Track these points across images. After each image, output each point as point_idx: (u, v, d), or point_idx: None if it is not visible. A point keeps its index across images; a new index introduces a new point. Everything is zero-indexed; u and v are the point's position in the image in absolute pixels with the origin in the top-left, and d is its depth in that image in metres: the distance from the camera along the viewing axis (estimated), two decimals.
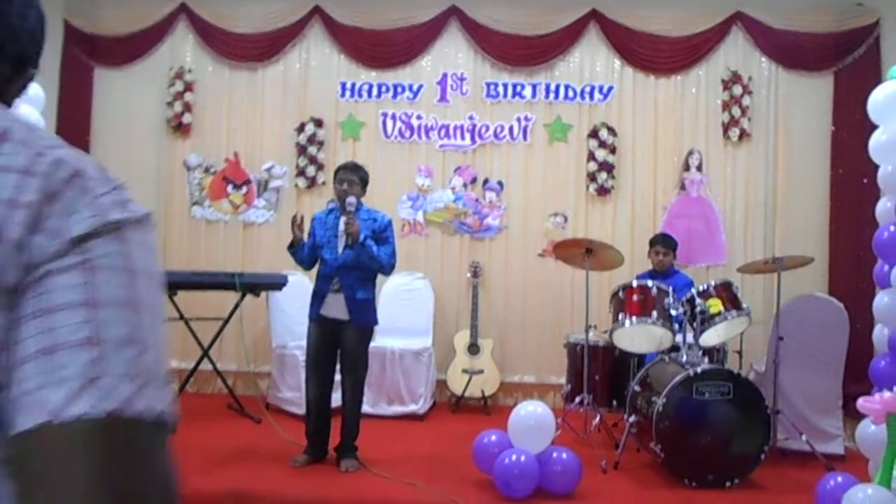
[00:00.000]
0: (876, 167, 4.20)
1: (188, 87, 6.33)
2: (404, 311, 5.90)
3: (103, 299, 0.59)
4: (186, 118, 6.30)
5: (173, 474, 0.61)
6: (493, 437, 4.02)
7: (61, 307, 0.58)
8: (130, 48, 6.25)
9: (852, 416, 4.37)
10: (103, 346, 0.57)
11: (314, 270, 4.41)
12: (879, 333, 4.11)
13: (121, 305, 0.60)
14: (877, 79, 5.37)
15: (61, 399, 0.55)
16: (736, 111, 6.12)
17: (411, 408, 5.54)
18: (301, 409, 4.49)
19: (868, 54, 6.01)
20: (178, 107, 6.31)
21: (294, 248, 4.27)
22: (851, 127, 5.66)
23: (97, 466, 0.55)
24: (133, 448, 0.57)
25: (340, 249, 4.18)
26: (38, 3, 0.79)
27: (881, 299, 4.05)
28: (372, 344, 4.45)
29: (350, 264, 4.14)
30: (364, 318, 4.21)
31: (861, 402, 3.21)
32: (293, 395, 5.33)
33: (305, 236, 4.33)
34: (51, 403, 0.54)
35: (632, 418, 4.40)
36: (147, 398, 0.58)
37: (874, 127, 4.19)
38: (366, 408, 4.63)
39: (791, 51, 6.05)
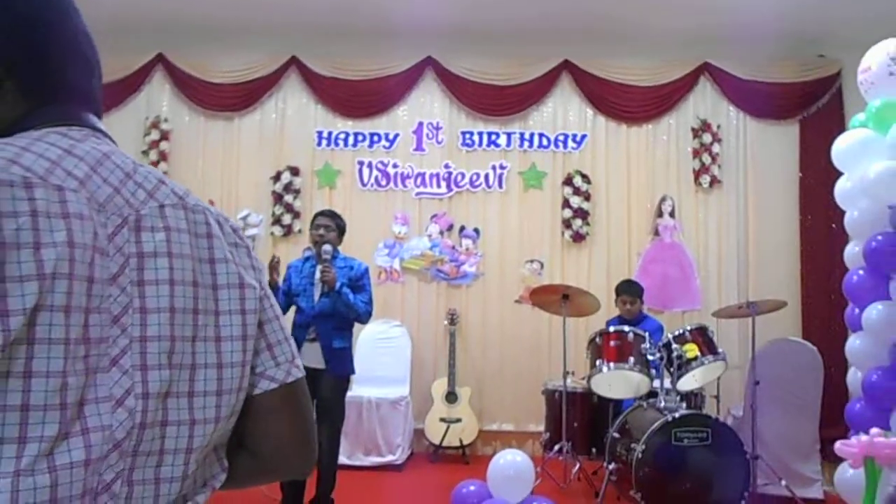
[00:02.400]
0: (842, 212, 4.30)
1: (164, 136, 6.34)
2: (381, 359, 5.85)
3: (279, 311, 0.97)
4: (162, 167, 6.29)
5: None
6: (473, 487, 3.96)
7: (270, 320, 0.93)
8: (107, 97, 6.13)
9: (830, 459, 4.38)
10: (290, 341, 0.96)
11: (290, 319, 4.37)
12: (853, 376, 4.16)
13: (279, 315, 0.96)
14: (840, 127, 5.54)
15: (282, 373, 0.93)
16: (706, 158, 6.25)
17: (389, 458, 5.45)
18: None
19: (831, 103, 6.21)
20: (153, 155, 6.30)
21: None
22: (818, 173, 5.80)
23: (305, 401, 0.97)
24: (305, 394, 0.97)
25: (317, 298, 4.14)
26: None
27: (853, 342, 4.11)
28: (348, 393, 4.39)
29: (326, 313, 4.11)
30: (341, 367, 4.16)
31: (838, 446, 3.22)
32: None
33: (280, 280, 4.31)
34: (279, 374, 0.93)
35: (611, 466, 4.36)
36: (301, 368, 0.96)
37: (839, 173, 4.30)
38: (342, 458, 4.55)
39: (758, 100, 6.22)
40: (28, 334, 0.69)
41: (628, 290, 5.32)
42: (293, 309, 4.28)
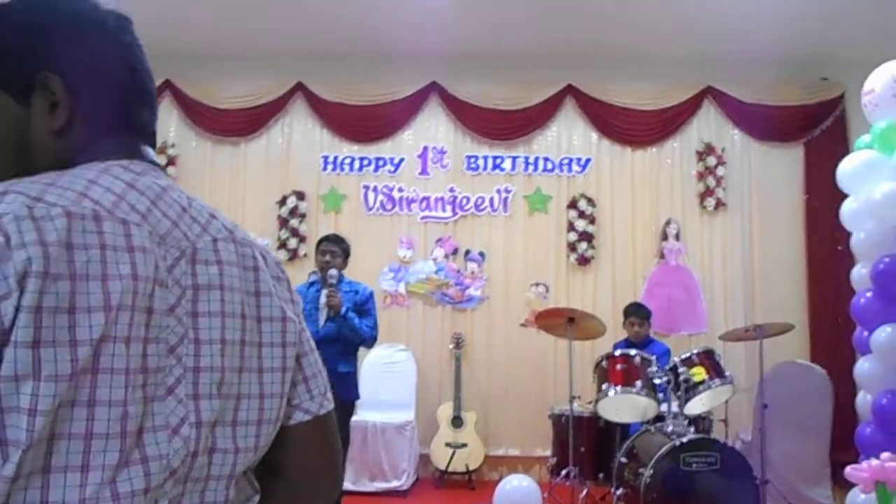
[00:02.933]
0: (849, 234, 4.29)
1: (171, 162, 6.38)
2: (386, 383, 5.83)
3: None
4: None
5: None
6: None
7: (307, 353, 0.98)
8: None
9: (841, 484, 4.33)
10: (323, 373, 1.00)
11: None
12: (863, 400, 4.12)
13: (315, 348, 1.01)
14: (845, 149, 5.55)
15: (316, 405, 0.97)
16: (711, 181, 6.26)
17: (394, 484, 5.40)
18: None
19: (835, 125, 6.23)
20: None
21: None
22: (823, 195, 5.80)
23: (335, 432, 1.01)
24: (334, 425, 1.01)
25: (322, 322, 4.14)
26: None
27: (862, 365, 4.08)
28: (353, 418, 4.37)
29: (332, 337, 4.10)
30: (345, 392, 4.14)
31: (849, 471, 3.19)
32: None
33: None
34: (313, 407, 0.97)
35: (619, 491, 4.31)
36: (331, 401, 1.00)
37: (845, 195, 4.30)
38: (347, 484, 4.52)
39: (761, 123, 6.24)
40: (92, 364, 0.71)
41: (637, 313, 5.31)
42: None
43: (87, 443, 0.70)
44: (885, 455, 3.14)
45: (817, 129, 6.25)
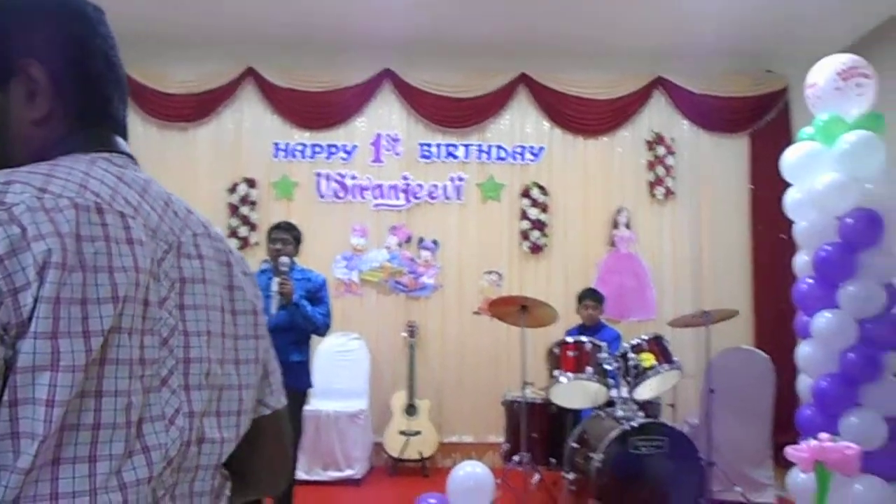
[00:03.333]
0: (792, 223, 4.41)
1: None
2: (340, 372, 5.80)
3: None
4: None
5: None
6: (433, 501, 3.95)
7: (268, 349, 1.01)
8: None
9: (782, 465, 4.46)
10: (278, 369, 1.03)
11: None
12: (803, 383, 4.25)
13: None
14: (788, 140, 5.69)
15: (275, 400, 1.01)
16: (661, 171, 6.37)
17: (347, 472, 5.39)
18: None
19: (779, 117, 6.39)
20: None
21: None
22: (768, 185, 5.92)
23: (288, 425, 1.04)
24: (287, 417, 1.04)
25: (274, 310, 4.08)
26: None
27: (803, 349, 4.20)
28: (306, 407, 4.34)
29: (284, 326, 4.05)
30: (298, 381, 4.11)
31: (789, 451, 3.29)
32: None
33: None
34: (273, 401, 1.01)
35: (571, 475, 4.38)
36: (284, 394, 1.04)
37: (788, 185, 4.41)
38: (300, 474, 4.49)
39: (709, 113, 6.37)
40: (100, 354, 0.72)
41: (592, 296, 5.41)
42: None
43: (95, 433, 0.71)
44: (823, 436, 3.25)
45: (762, 121, 6.40)
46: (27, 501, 0.68)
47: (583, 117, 6.39)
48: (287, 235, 4.16)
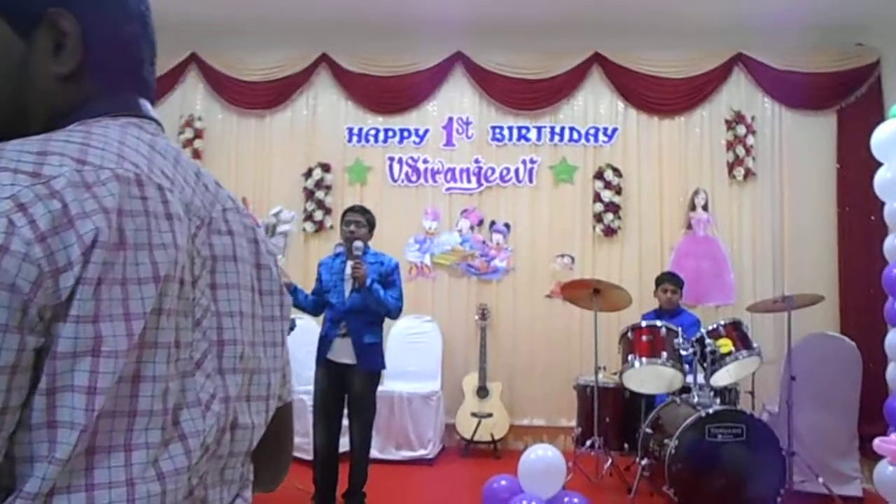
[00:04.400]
0: (882, 204, 4.21)
1: (198, 135, 6.43)
2: (412, 354, 5.88)
3: None
4: None
5: None
6: (504, 482, 3.96)
7: (285, 342, 0.94)
8: None
9: (869, 457, 4.30)
10: (289, 362, 0.97)
11: (321, 313, 4.41)
12: (893, 372, 4.07)
13: None
14: (879, 117, 5.41)
15: (287, 392, 0.96)
16: (740, 150, 6.15)
17: (420, 452, 5.47)
18: (309, 456, 4.45)
19: (870, 93, 6.07)
20: (187, 153, 6.37)
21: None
22: (856, 165, 5.68)
23: (292, 421, 1.01)
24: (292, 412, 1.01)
25: (347, 293, 4.17)
26: None
27: (893, 337, 4.02)
28: (380, 388, 4.42)
29: (357, 308, 4.13)
30: (372, 362, 4.19)
31: (878, 443, 3.17)
32: (301, 440, 5.26)
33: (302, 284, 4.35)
34: (285, 394, 0.95)
35: (644, 461, 4.33)
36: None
37: (879, 164, 4.21)
38: (374, 453, 4.58)
39: (793, 90, 6.10)
40: (140, 338, 0.68)
41: (671, 280, 5.32)
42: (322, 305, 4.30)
43: (131, 420, 0.67)
44: None
45: (851, 97, 6.09)
46: (62, 492, 0.64)
47: (658, 97, 6.23)
48: (361, 218, 4.22)
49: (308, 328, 5.49)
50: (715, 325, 4.53)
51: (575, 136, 6.30)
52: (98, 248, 0.64)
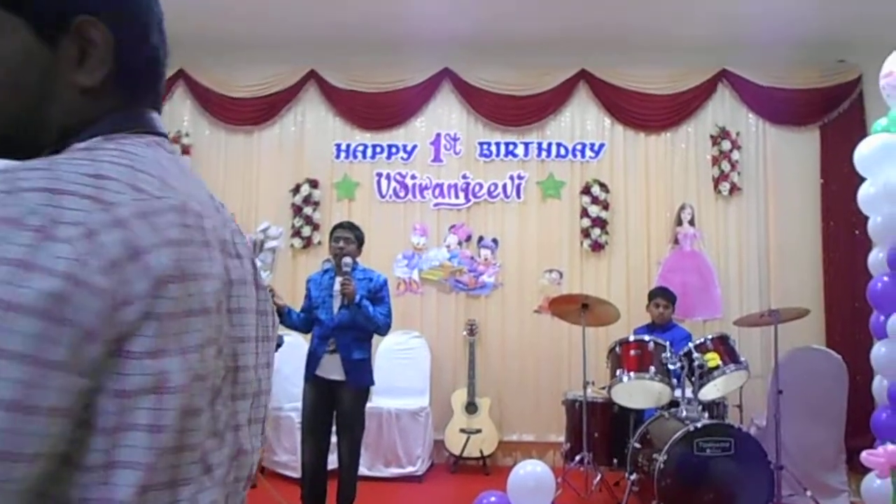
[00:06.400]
0: (866, 218, 4.25)
1: (185, 151, 6.41)
2: (401, 370, 5.86)
3: None
4: None
5: None
6: (493, 499, 3.95)
7: None
8: None
9: (856, 470, 4.32)
10: None
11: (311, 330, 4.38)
12: (879, 385, 4.10)
13: None
14: (862, 132, 5.48)
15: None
16: (726, 166, 6.21)
17: (409, 469, 5.44)
18: (297, 473, 4.42)
19: (852, 109, 6.16)
20: None
21: (282, 317, 4.21)
22: (840, 179, 5.75)
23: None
24: None
25: (336, 310, 4.16)
26: None
27: (878, 350, 4.05)
28: (368, 404, 4.40)
29: (346, 324, 4.12)
30: (360, 378, 4.17)
31: (865, 456, 3.18)
32: (289, 458, 5.23)
33: (290, 302, 4.32)
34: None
35: (633, 476, 4.32)
36: None
37: (862, 179, 4.26)
38: (363, 470, 4.55)
39: (777, 106, 6.18)
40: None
41: (663, 294, 5.34)
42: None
43: (178, 457, 0.65)
44: None
45: (834, 113, 6.18)
46: None
47: (644, 113, 6.29)
48: (350, 235, 4.22)
49: (295, 344, 5.46)
50: (702, 340, 4.55)
51: (562, 151, 6.34)
52: (164, 281, 0.62)
